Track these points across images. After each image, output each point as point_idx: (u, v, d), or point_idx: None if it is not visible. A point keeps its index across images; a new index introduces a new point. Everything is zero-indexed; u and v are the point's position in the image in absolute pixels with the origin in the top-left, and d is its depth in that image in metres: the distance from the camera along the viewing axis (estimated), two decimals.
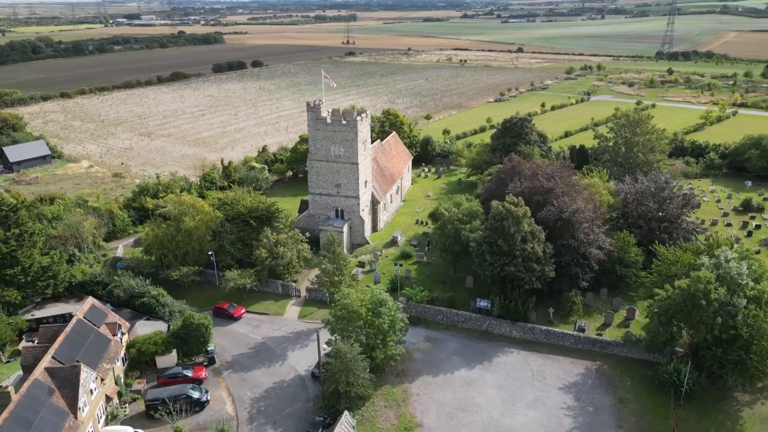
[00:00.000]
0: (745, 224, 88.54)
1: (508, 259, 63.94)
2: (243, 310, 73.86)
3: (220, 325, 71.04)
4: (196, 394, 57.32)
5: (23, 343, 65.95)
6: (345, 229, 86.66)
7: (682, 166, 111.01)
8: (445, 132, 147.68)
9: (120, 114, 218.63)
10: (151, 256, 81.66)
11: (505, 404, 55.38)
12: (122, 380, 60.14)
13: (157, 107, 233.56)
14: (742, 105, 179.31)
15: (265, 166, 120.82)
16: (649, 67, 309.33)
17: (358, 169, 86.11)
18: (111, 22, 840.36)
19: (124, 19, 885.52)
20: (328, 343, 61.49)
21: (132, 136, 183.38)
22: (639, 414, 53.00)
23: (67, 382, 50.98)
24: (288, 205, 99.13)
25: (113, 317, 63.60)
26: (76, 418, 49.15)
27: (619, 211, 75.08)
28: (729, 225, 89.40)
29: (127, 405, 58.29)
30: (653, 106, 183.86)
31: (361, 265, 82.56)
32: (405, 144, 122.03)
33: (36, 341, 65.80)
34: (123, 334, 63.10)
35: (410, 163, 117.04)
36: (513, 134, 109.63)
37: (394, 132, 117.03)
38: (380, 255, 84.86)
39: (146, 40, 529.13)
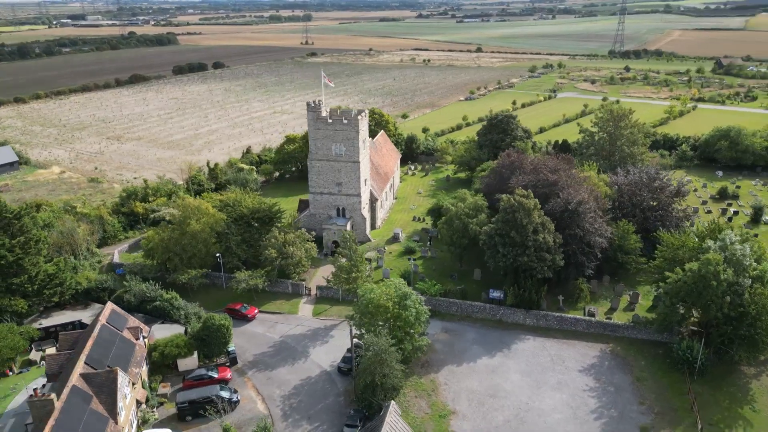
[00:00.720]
0: (724, 211, 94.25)
1: (521, 249, 66.54)
2: (256, 311, 74.03)
3: (235, 326, 70.57)
4: (226, 395, 57.51)
5: (48, 351, 64.53)
6: (348, 227, 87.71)
7: (658, 158, 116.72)
8: (425, 130, 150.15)
9: (82, 118, 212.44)
10: (154, 261, 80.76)
11: (531, 388, 57.82)
12: (147, 384, 59.69)
13: (121, 111, 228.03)
14: (700, 99, 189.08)
15: (254, 168, 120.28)
16: (606, 64, 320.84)
17: (359, 167, 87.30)
18: (55, 23, 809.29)
19: (68, 20, 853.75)
20: (358, 337, 62.89)
21: (100, 140, 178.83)
22: (657, 391, 56.35)
23: (104, 388, 50.46)
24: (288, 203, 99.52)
25: (133, 321, 62.96)
26: (116, 423, 48.78)
27: (615, 202, 78.82)
28: (709, 212, 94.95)
29: (155, 409, 57.91)
30: (617, 102, 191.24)
31: (368, 261, 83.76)
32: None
33: (45, 350, 64.83)
34: (144, 337, 62.52)
35: (399, 161, 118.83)
36: (499, 130, 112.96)
37: (382, 131, 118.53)
38: (384, 251, 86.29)
39: (95, 41, 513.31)
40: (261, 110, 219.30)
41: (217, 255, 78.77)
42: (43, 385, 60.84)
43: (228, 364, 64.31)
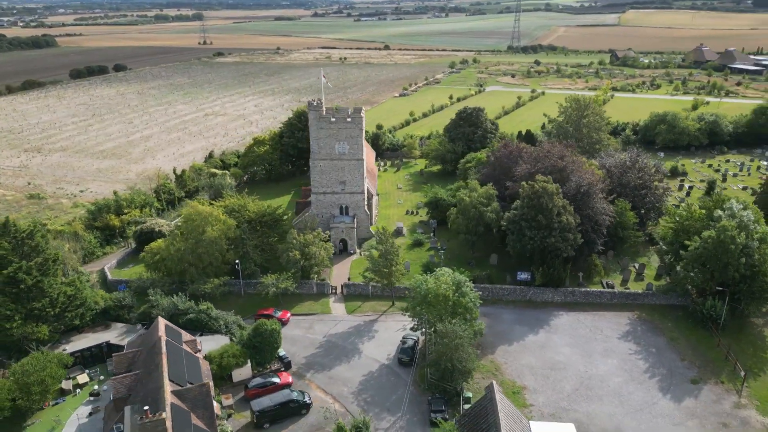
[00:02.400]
0: (680, 186, 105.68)
1: (548, 231, 71.44)
2: (288, 314, 73.25)
3: None
4: (300, 398, 57.19)
5: (80, 377, 60.37)
6: (355, 224, 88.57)
7: (618, 143, 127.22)
8: (379, 127, 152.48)
9: None
10: (160, 273, 77.11)
11: (583, 358, 62.73)
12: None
13: (26, 119, 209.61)
14: (614, 89, 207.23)
15: (226, 172, 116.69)
16: (515, 59, 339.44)
17: (363, 164, 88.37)
18: None
19: None
20: (413, 329, 64.61)
21: (18, 153, 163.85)
22: (691, 347, 63.39)
23: (198, 402, 48.73)
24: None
25: (186, 335, 60.42)
26: None
27: (607, 183, 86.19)
28: (668, 188, 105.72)
29: (225, 421, 56.32)
30: (543, 93, 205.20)
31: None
32: None
33: (76, 377, 60.73)
34: (199, 350, 60.25)
35: (374, 158, 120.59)
36: (470, 123, 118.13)
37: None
38: (399, 247, 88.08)
39: None
40: (190, 113, 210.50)
41: (236, 261, 76.82)
42: (90, 414, 57.41)
43: (283, 369, 63.56)
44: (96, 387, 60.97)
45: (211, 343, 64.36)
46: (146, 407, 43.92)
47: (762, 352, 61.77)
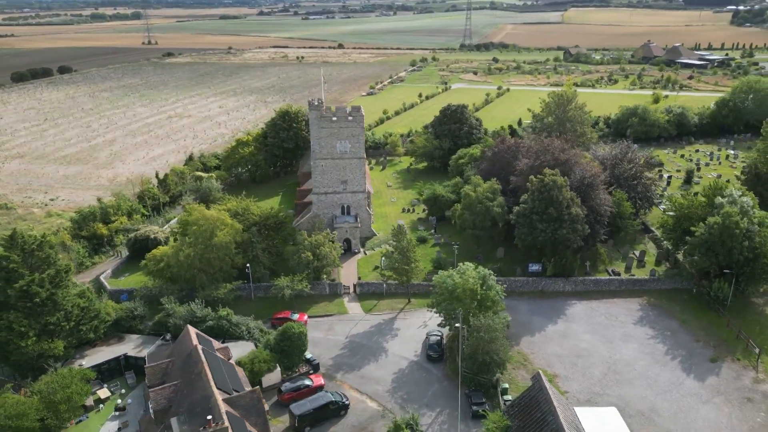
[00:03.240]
0: (660, 176, 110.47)
1: (558, 223, 73.45)
2: (306, 316, 72.45)
3: None
4: (339, 399, 56.86)
5: (100, 392, 57.93)
6: (358, 224, 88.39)
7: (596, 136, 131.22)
8: None
9: None
10: (165, 281, 74.78)
11: (605, 344, 64.94)
12: None
13: None
14: (575, 84, 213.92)
15: (212, 175, 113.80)
16: (473, 57, 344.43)
17: (364, 163, 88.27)
18: None
19: None
20: (441, 324, 65.15)
21: None
22: (703, 328, 66.66)
23: (251, 410, 47.78)
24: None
25: (216, 343, 58.90)
26: None
27: (606, 174, 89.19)
28: (650, 178, 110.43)
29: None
30: (508, 90, 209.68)
31: (390, 254, 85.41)
32: None
33: (97, 392, 58.38)
34: (230, 357, 58.86)
35: None
36: (455, 120, 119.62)
37: None
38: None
39: None
40: (151, 116, 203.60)
41: (247, 265, 75.34)
42: (119, 429, 55.38)
43: (312, 371, 62.92)
44: (119, 401, 58.75)
45: (236, 350, 62.91)
46: (209, 417, 42.73)
47: (766, 329, 65.62)
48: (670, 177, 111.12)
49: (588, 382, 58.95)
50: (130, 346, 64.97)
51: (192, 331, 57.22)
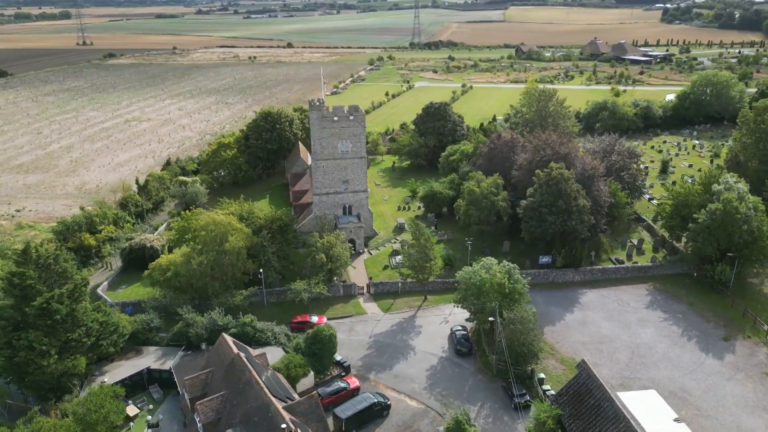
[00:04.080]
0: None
1: (567, 215, 75.63)
2: (324, 318, 71.59)
3: None
4: (382, 400, 56.63)
5: (129, 409, 55.32)
6: (362, 224, 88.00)
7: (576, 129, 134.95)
8: None
9: None
10: (172, 290, 72.21)
11: (623, 330, 67.41)
12: None
13: None
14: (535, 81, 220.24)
15: (197, 179, 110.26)
16: (428, 55, 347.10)
17: (366, 162, 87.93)
18: None
19: None
20: (469, 319, 65.86)
21: None
22: (710, 310, 70.27)
23: (310, 416, 46.89)
24: None
25: (252, 351, 57.32)
26: None
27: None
28: (643, 169, 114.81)
29: None
30: (471, 87, 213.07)
31: (397, 252, 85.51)
32: None
33: (142, 405, 55.95)
34: (267, 364, 57.42)
35: None
36: (438, 117, 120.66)
37: None
38: (407, 242, 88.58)
39: None
40: (106, 120, 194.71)
41: (260, 270, 73.68)
42: None
43: (344, 373, 62.33)
44: (149, 417, 56.43)
45: (269, 356, 61.48)
46: (283, 425, 41.69)
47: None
48: (646, 168, 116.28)
49: (617, 367, 61.05)
50: (150, 359, 62.36)
51: (229, 339, 55.50)
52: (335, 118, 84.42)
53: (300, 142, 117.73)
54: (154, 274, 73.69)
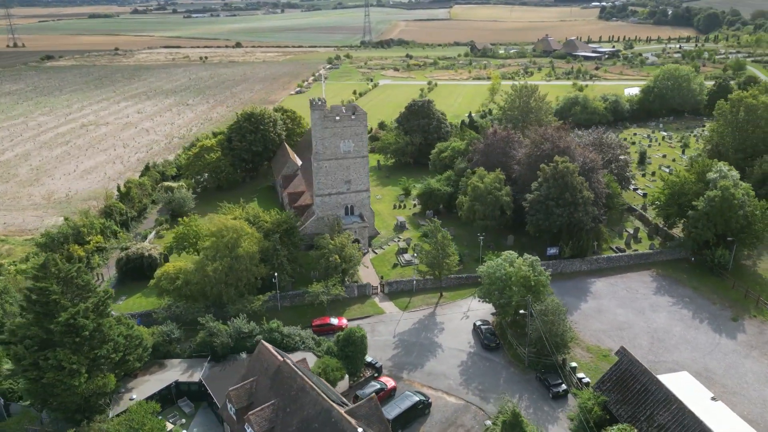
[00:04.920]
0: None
1: (574, 207, 77.68)
2: (344, 320, 70.82)
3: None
4: (424, 398, 56.62)
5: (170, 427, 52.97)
6: (366, 223, 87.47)
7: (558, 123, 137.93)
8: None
9: None
10: (184, 299, 69.75)
11: (637, 315, 69.89)
12: None
13: None
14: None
15: (182, 184, 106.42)
16: (386, 53, 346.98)
17: (367, 161, 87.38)
18: None
19: None
20: (495, 313, 66.60)
21: None
22: (713, 292, 73.78)
23: (372, 418, 46.16)
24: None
25: (292, 356, 55.99)
26: None
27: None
28: (630, 160, 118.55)
29: None
30: (436, 85, 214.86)
31: (404, 251, 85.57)
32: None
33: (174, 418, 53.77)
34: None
35: None
36: (422, 115, 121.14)
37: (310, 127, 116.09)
38: (411, 240, 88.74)
39: None
40: (60, 125, 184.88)
41: (274, 275, 72.10)
42: None
43: (376, 374, 61.90)
44: None
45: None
46: (360, 429, 40.96)
47: (766, 287, 74.17)
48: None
49: (641, 352, 63.02)
50: (176, 372, 59.97)
51: (269, 346, 53.97)
52: (337, 118, 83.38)
53: (286, 143, 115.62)
54: (161, 284, 70.92)
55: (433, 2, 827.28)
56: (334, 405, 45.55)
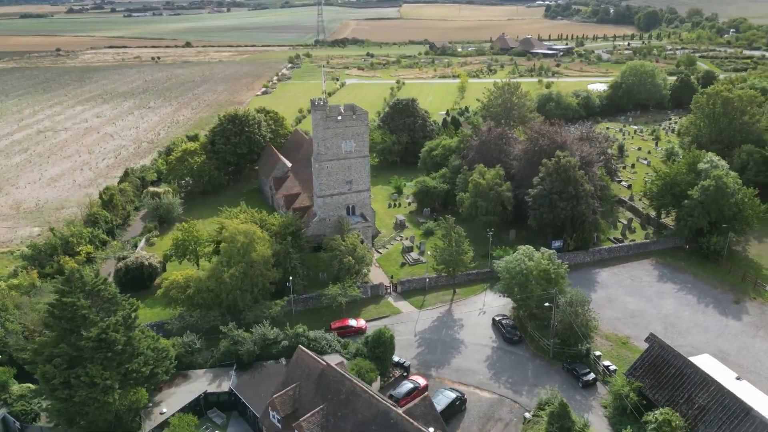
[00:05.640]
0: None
1: (577, 200, 79.68)
2: (362, 321, 70.28)
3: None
4: (461, 395, 56.88)
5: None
6: (369, 223, 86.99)
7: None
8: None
9: None
10: (196, 308, 67.63)
11: (646, 302, 72.34)
12: None
13: None
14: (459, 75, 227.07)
15: (169, 189, 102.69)
16: (346, 52, 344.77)
17: (368, 161, 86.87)
18: None
19: None
20: (515, 307, 67.44)
21: None
22: (712, 277, 77.09)
23: (427, 417, 46.07)
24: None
25: (329, 359, 55.02)
26: None
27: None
28: (613, 154, 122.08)
29: None
30: (404, 83, 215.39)
31: (410, 249, 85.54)
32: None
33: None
34: None
35: None
36: (407, 114, 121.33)
37: (297, 128, 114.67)
38: (414, 238, 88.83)
39: None
40: (14, 132, 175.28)
41: (290, 278, 70.77)
42: None
43: (405, 374, 61.75)
44: None
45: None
46: (431, 428, 40.76)
47: (759, 270, 78.21)
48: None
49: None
50: (202, 383, 58.08)
51: (307, 351, 53.00)
52: (338, 118, 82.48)
53: (271, 145, 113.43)
54: (171, 293, 68.32)
55: (381, 1, 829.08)
56: (393, 407, 45.16)
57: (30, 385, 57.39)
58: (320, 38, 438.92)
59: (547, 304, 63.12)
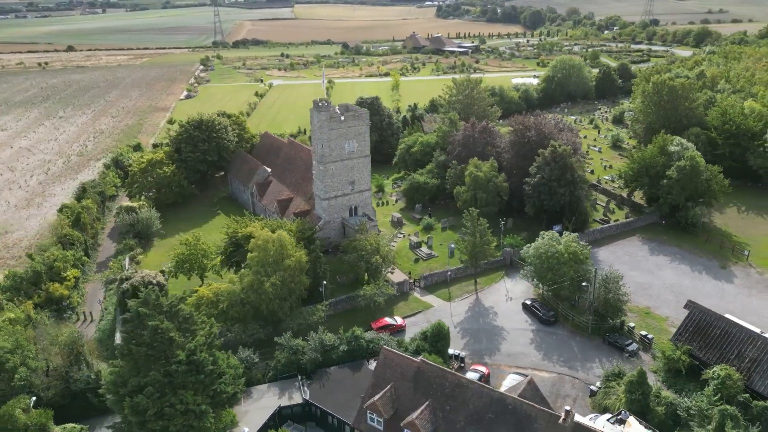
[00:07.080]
0: None
1: (574, 186, 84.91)
2: (399, 318, 70.48)
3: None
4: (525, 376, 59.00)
5: None
6: (375, 221, 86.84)
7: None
8: None
9: None
10: (231, 322, 64.61)
11: (650, 275, 78.63)
12: None
13: None
14: (387, 74, 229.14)
15: (144, 203, 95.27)
16: (257, 53, 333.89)
17: (369, 160, 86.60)
18: None
19: None
20: (549, 290, 70.56)
21: None
22: (697, 248, 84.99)
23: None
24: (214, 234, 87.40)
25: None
26: None
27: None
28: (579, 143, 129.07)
29: None
30: (333, 83, 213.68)
31: (418, 245, 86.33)
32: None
33: None
34: None
35: None
36: (372, 112, 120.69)
37: (267, 131, 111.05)
38: (419, 234, 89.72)
39: None
40: None
41: (324, 282, 69.29)
42: None
43: (462, 365, 62.93)
44: None
45: None
46: (567, 407, 42.18)
47: (729, 237, 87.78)
48: None
49: (674, 306, 71.19)
50: (270, 397, 55.76)
51: (389, 350, 52.43)
52: (342, 118, 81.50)
53: (243, 150, 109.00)
54: (203, 310, 64.21)
55: (270, 1, 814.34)
56: (517, 397, 46.06)
57: (74, 425, 51.92)
58: (218, 39, 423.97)
59: (585, 283, 66.97)
